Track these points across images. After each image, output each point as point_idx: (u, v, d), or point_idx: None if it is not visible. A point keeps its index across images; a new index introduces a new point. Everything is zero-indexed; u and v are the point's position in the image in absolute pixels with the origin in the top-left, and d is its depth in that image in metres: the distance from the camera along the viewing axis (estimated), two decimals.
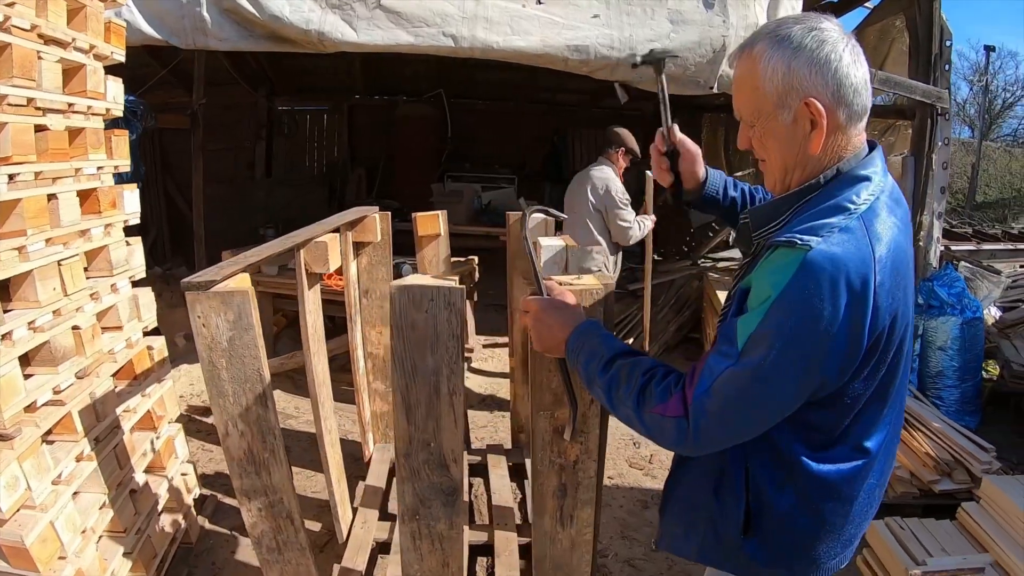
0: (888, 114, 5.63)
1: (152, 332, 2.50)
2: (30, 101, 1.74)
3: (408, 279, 1.57)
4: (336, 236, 2.61)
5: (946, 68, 4.47)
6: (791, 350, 1.02)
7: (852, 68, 1.10)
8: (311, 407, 3.10)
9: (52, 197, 1.84)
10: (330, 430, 2.77)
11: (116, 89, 2.19)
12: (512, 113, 9.04)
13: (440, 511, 1.71)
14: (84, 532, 1.77)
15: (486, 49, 3.63)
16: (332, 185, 8.38)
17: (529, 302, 1.39)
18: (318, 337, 2.72)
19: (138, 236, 2.38)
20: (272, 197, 7.91)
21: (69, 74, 1.95)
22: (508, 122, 9.08)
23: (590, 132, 9.00)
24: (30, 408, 1.71)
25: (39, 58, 1.75)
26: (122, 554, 1.96)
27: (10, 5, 1.63)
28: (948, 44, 4.43)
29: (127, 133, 2.25)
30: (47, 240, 1.80)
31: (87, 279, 2.03)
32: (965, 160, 16.89)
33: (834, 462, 1.17)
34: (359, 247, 3.04)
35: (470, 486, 3.14)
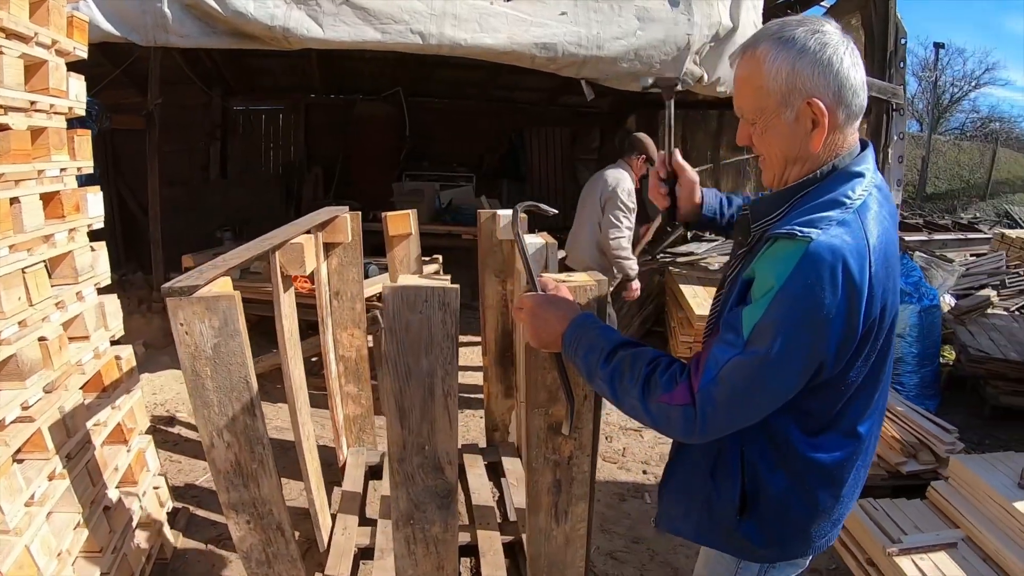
0: None
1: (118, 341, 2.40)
2: None
3: (401, 280, 1.54)
4: (311, 237, 2.56)
5: (901, 65, 4.63)
6: (795, 338, 1.06)
7: (852, 71, 1.13)
8: (288, 413, 3.03)
9: (15, 201, 1.75)
10: (308, 436, 2.71)
11: (78, 87, 2.09)
12: (470, 111, 9.00)
13: (435, 514, 1.69)
14: (60, 555, 1.68)
15: (454, 46, 3.60)
16: (289, 186, 8.23)
17: (524, 299, 1.38)
18: (294, 341, 2.65)
19: (102, 241, 2.28)
20: (228, 199, 7.74)
21: (31, 71, 1.85)
22: (466, 120, 9.04)
23: (548, 130, 9.04)
24: None
25: (1, 53, 1.66)
26: (99, 575, 1.87)
27: None
28: (903, 42, 4.59)
29: (89, 133, 2.15)
30: (10, 247, 1.71)
31: (52, 287, 1.93)
32: (915, 153, 17.55)
33: (827, 446, 1.22)
34: (329, 248, 2.98)
35: None
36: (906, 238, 7.00)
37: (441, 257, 5.21)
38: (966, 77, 23.44)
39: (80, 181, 2.17)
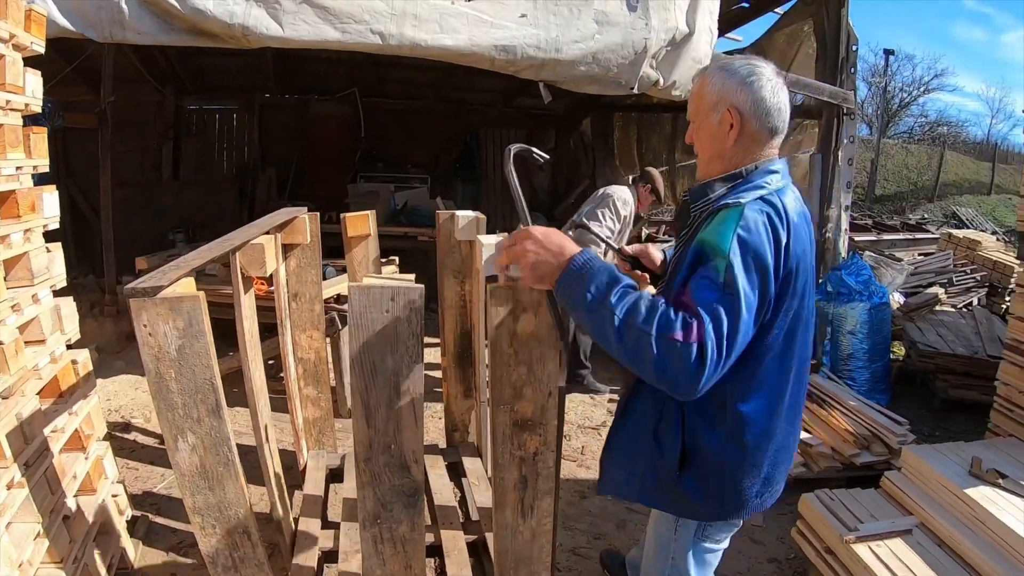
0: (796, 114, 5.95)
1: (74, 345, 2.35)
2: None
3: (366, 280, 1.55)
4: (272, 238, 2.54)
5: (852, 71, 4.78)
6: (752, 276, 1.32)
7: (769, 95, 1.46)
8: (247, 417, 3.00)
9: None
10: (269, 439, 2.69)
11: (35, 83, 2.03)
12: (425, 112, 8.97)
13: (402, 513, 1.70)
14: (21, 566, 1.64)
15: (414, 47, 3.59)
16: (243, 187, 8.06)
17: (527, 230, 1.39)
18: (254, 343, 2.63)
19: (58, 242, 2.22)
20: (181, 200, 7.58)
21: None
22: (420, 121, 9.01)
23: (502, 131, 9.05)
24: None
25: None
26: None
27: None
28: (854, 49, 4.74)
29: (46, 130, 2.10)
30: None
31: (7, 289, 1.88)
32: (865, 156, 18.11)
33: (757, 404, 1.45)
34: (287, 249, 2.96)
35: None
36: (856, 238, 7.22)
37: (397, 259, 5.20)
38: (915, 83, 24.25)
39: (34, 180, 2.12)
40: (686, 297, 1.31)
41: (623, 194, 4.23)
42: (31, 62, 2.07)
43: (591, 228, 2.22)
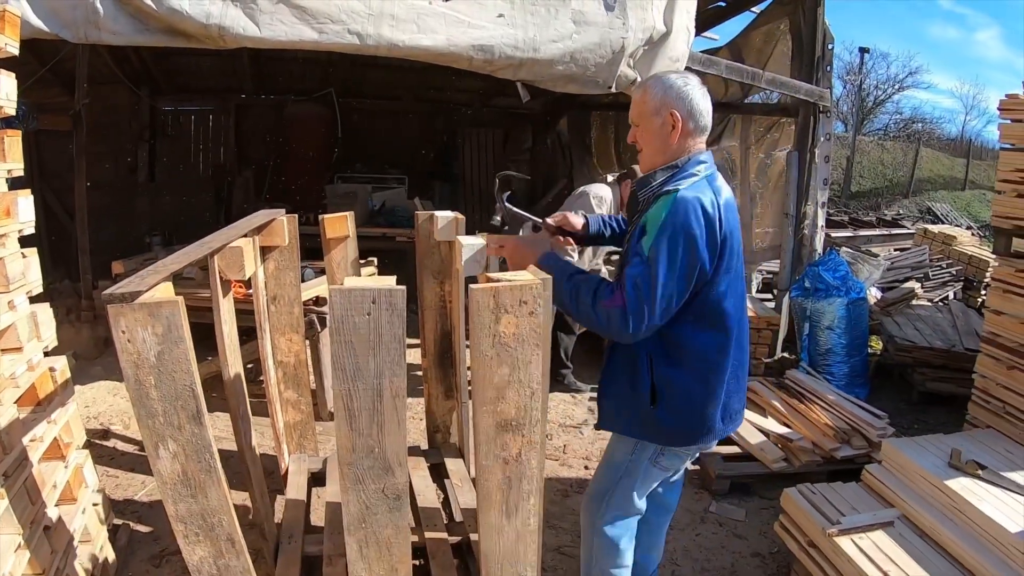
0: (773, 112, 6.01)
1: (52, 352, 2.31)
2: None
3: (347, 281, 1.54)
4: (250, 241, 2.52)
5: (828, 69, 4.84)
6: (675, 250, 1.68)
7: (700, 101, 1.82)
8: (226, 422, 2.97)
9: None
10: (251, 445, 2.67)
11: (9, 85, 1.99)
12: (402, 112, 8.91)
13: (386, 517, 1.69)
14: None
15: (392, 47, 3.57)
16: (219, 188, 7.98)
17: (505, 238, 2.10)
18: (234, 347, 2.61)
19: (34, 247, 2.19)
20: (157, 203, 7.51)
21: None
22: (398, 121, 8.95)
23: (480, 131, 9.03)
24: None
25: None
26: None
27: None
28: (830, 47, 4.80)
29: (20, 133, 2.06)
30: None
31: None
32: (840, 153, 18.30)
33: (707, 340, 1.82)
34: (265, 252, 2.94)
35: None
36: (832, 234, 7.30)
37: (376, 260, 5.19)
38: (890, 80, 24.48)
39: (8, 185, 2.08)
40: (625, 269, 1.77)
41: (599, 191, 4.25)
42: (5, 64, 2.03)
43: (513, 210, 2.34)
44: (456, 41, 3.62)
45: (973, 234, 10.19)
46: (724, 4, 5.69)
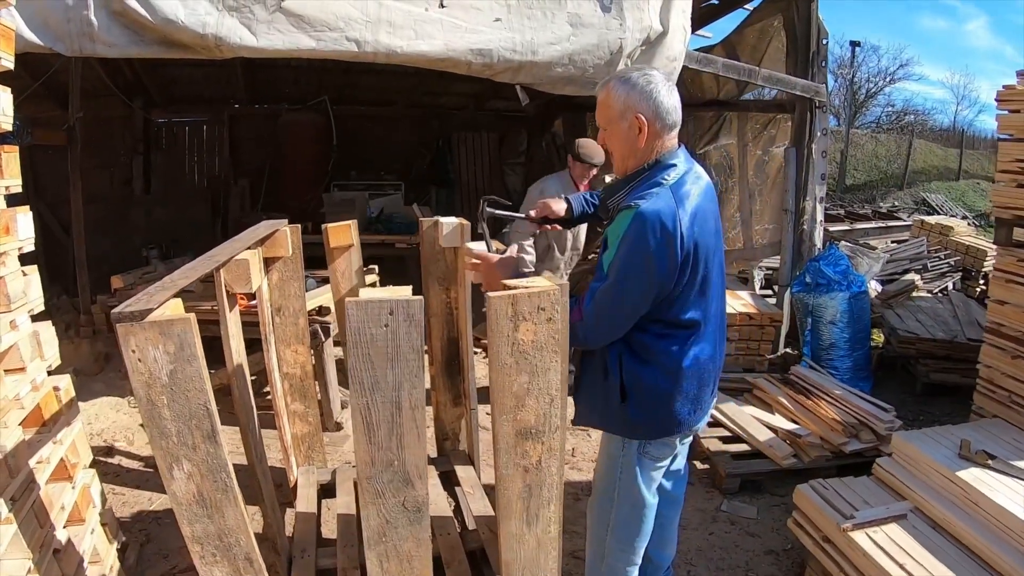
0: (769, 108, 6.01)
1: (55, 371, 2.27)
2: None
3: (363, 293, 1.52)
4: (256, 253, 2.49)
5: (822, 64, 4.84)
6: (631, 268, 1.71)
7: (665, 98, 1.78)
8: (234, 435, 2.94)
9: None
10: (261, 458, 2.64)
11: (5, 100, 1.96)
12: (396, 118, 8.90)
13: (407, 530, 1.67)
14: None
15: (390, 54, 3.55)
16: (215, 199, 7.93)
17: (479, 256, 2.02)
18: (242, 362, 2.58)
19: (34, 265, 2.15)
20: (153, 215, 7.44)
21: None
22: (392, 127, 8.93)
23: (474, 135, 9.01)
24: None
25: None
26: None
27: None
28: (824, 42, 4.80)
29: (17, 149, 2.02)
30: None
31: None
32: (834, 147, 18.33)
33: (671, 342, 1.84)
34: (269, 263, 2.91)
35: None
36: (829, 228, 7.30)
37: (377, 268, 5.15)
38: (881, 73, 24.54)
39: (6, 201, 2.04)
40: (591, 282, 1.81)
41: (540, 185, 4.24)
42: (1, 78, 2.00)
43: (496, 213, 2.33)
44: (454, 46, 3.60)
45: (969, 224, 10.23)
46: (717, 2, 5.69)
